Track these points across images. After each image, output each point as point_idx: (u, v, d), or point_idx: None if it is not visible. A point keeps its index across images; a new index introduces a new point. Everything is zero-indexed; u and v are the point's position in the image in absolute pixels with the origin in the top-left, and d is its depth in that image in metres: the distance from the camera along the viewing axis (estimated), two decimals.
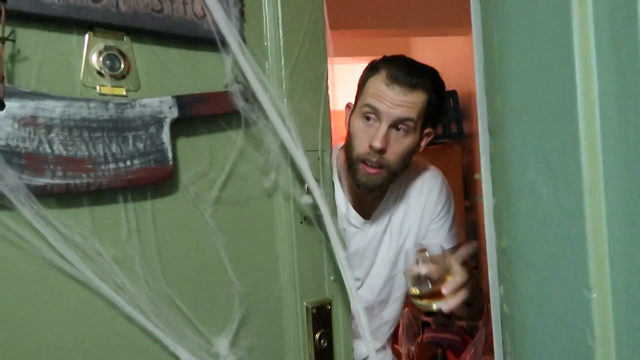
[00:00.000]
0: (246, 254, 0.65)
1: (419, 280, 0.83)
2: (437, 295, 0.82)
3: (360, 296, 0.70)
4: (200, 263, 0.61)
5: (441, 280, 0.82)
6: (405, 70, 0.94)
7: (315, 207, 0.66)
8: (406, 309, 2.87)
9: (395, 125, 0.95)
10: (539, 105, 0.37)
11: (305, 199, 0.67)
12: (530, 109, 0.38)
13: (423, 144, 1.02)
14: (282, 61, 0.67)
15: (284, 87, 0.67)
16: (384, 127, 0.94)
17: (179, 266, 0.59)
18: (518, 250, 0.41)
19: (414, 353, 2.04)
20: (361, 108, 0.98)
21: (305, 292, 0.68)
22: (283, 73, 0.67)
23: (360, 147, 0.97)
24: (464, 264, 0.86)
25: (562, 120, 0.35)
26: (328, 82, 0.74)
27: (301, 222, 0.68)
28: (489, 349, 2.41)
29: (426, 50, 3.37)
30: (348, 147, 1.02)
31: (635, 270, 0.31)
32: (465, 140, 3.05)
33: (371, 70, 1.00)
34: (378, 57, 1.02)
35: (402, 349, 2.43)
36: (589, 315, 0.33)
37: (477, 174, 0.50)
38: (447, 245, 1.11)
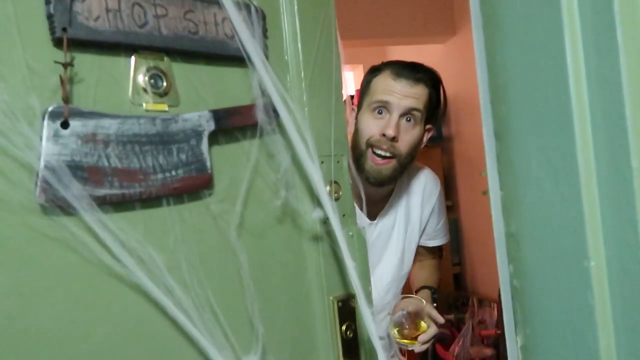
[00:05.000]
0: (274, 259, 0.68)
1: (400, 324, 1.08)
2: (413, 337, 1.08)
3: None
4: (231, 273, 0.63)
5: (415, 324, 1.07)
6: (409, 67, 1.06)
7: (326, 220, 0.69)
8: None
9: (405, 114, 1.03)
10: (539, 112, 0.46)
11: (316, 214, 0.71)
12: (532, 116, 0.47)
13: (425, 139, 1.11)
14: (302, 74, 0.73)
15: (304, 98, 0.72)
16: (395, 116, 1.03)
17: (217, 275, 0.62)
18: (525, 233, 0.49)
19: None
20: (370, 105, 1.06)
21: (331, 287, 0.73)
22: (303, 85, 0.72)
23: (372, 135, 1.04)
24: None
25: (560, 124, 0.43)
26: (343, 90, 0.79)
27: (324, 222, 0.72)
28: (476, 341, 2.52)
29: (403, 57, 3.48)
30: (354, 142, 1.07)
31: (623, 241, 0.40)
32: (444, 143, 3.18)
33: (373, 72, 1.10)
34: (358, 64, 1.12)
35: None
36: (588, 279, 0.42)
37: (483, 172, 0.58)
38: (442, 240, 1.21)
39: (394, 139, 1.02)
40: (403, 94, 1.03)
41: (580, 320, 0.43)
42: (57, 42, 0.51)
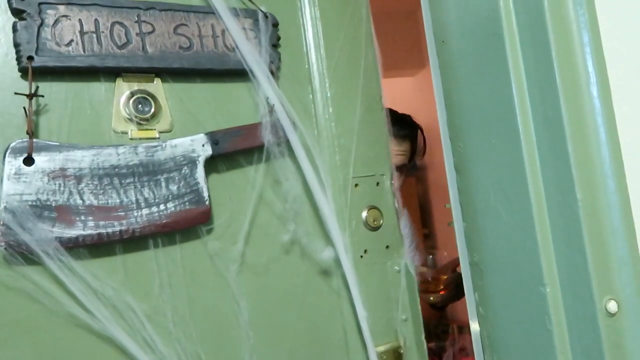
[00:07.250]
0: (287, 305, 0.57)
1: None
2: None
3: None
4: (227, 323, 0.54)
5: None
6: (396, 125, 1.09)
7: (338, 262, 0.58)
8: None
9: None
10: (493, 148, 0.49)
11: (327, 253, 0.59)
12: (487, 151, 0.50)
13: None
14: (327, 84, 0.60)
15: (330, 111, 0.60)
16: None
17: (209, 325, 0.53)
18: (486, 262, 0.52)
19: None
20: None
21: (374, 335, 0.59)
22: (328, 95, 0.61)
23: None
24: None
25: (512, 159, 0.47)
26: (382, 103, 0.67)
27: (361, 256, 0.61)
28: None
29: None
30: None
31: (573, 267, 0.43)
32: (419, 172, 3.24)
33: None
34: None
35: None
36: (545, 305, 0.44)
37: (447, 204, 0.60)
38: None
39: None
40: (393, 153, 1.09)
41: (540, 345, 0.46)
42: (24, 73, 0.48)
